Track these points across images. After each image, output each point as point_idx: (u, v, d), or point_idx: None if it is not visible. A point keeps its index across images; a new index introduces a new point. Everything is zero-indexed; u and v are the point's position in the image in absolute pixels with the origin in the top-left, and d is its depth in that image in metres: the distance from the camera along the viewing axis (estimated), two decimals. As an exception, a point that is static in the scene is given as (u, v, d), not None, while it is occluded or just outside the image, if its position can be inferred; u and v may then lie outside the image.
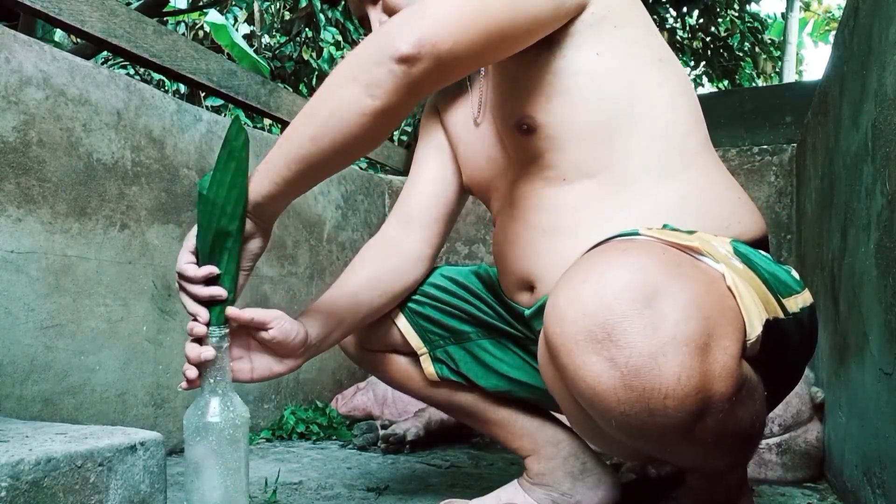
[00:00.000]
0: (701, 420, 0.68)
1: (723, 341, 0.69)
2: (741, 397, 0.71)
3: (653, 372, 0.65)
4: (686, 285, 0.69)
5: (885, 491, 0.97)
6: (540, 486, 1.14)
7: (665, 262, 0.71)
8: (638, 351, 0.66)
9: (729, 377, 0.69)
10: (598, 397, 0.69)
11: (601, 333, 0.67)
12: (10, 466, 0.75)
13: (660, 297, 0.67)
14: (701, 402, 0.67)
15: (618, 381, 0.66)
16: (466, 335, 1.17)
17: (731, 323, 0.72)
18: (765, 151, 2.29)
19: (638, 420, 0.68)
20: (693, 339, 0.66)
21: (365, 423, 1.87)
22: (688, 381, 0.66)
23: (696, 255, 0.78)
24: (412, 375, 1.20)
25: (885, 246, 0.96)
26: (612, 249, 0.75)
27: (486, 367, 1.15)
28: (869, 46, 1.08)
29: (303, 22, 5.42)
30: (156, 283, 1.69)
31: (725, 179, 0.99)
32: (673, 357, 0.65)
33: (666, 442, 0.72)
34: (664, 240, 0.78)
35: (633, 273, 0.69)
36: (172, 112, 1.76)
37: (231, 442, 0.87)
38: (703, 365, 0.67)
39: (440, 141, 1.19)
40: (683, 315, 0.67)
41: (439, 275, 1.19)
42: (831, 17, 11.05)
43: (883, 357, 0.97)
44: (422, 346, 1.17)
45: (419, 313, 1.17)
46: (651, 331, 0.66)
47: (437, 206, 1.18)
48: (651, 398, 0.66)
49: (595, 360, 0.67)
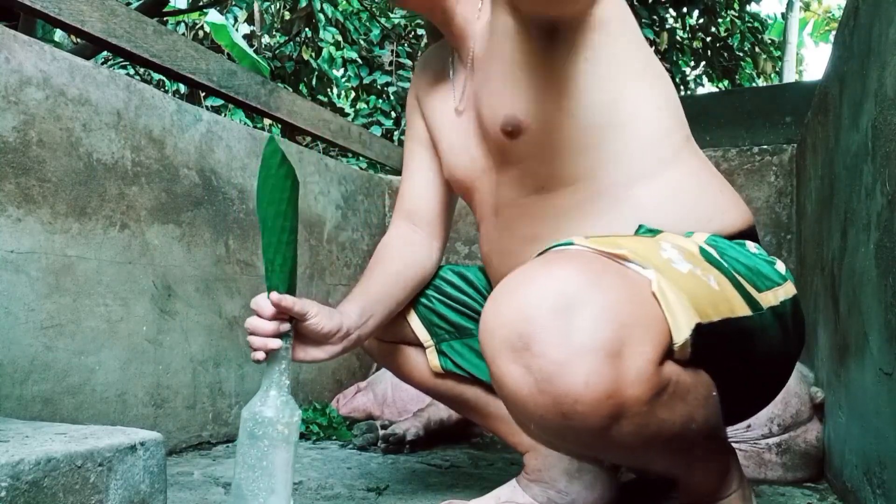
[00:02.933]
0: (616, 423, 0.71)
1: (639, 347, 0.71)
2: (663, 401, 0.73)
3: (563, 378, 0.69)
4: (604, 294, 0.72)
5: (885, 491, 0.97)
6: (537, 482, 1.14)
7: (586, 271, 0.74)
8: (550, 359, 0.69)
9: (644, 382, 0.71)
10: (518, 403, 0.73)
11: (519, 343, 0.71)
12: (10, 466, 0.75)
13: (575, 306, 0.70)
14: (613, 406, 0.70)
15: (533, 387, 0.70)
16: (469, 331, 1.19)
17: (652, 328, 0.74)
18: (765, 151, 2.30)
19: (555, 424, 0.72)
20: (604, 346, 0.69)
21: (365, 423, 1.87)
22: (596, 387, 0.69)
23: (623, 262, 0.79)
24: (419, 367, 1.23)
25: (885, 246, 0.96)
26: (540, 261, 0.78)
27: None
28: (869, 46, 1.08)
29: (303, 22, 5.42)
30: (156, 283, 1.69)
31: (706, 175, 1.00)
32: (582, 364, 0.69)
33: (586, 444, 0.76)
34: (595, 248, 0.80)
35: (551, 284, 0.72)
36: (172, 112, 1.76)
37: (281, 437, 0.92)
38: (615, 371, 0.69)
39: (422, 133, 1.22)
40: (596, 323, 0.70)
41: (449, 270, 1.24)
42: (831, 17, 11.06)
43: (883, 357, 0.98)
44: (428, 339, 1.21)
45: (428, 307, 1.21)
46: (563, 339, 0.69)
47: (436, 200, 1.23)
48: (563, 403, 0.69)
49: (514, 367, 0.72)
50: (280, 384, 0.95)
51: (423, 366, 1.22)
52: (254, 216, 2.01)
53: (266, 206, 0.95)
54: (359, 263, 2.52)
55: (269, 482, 0.90)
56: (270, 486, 0.90)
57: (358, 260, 2.53)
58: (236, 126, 2.00)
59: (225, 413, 1.89)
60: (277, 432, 0.91)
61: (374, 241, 2.63)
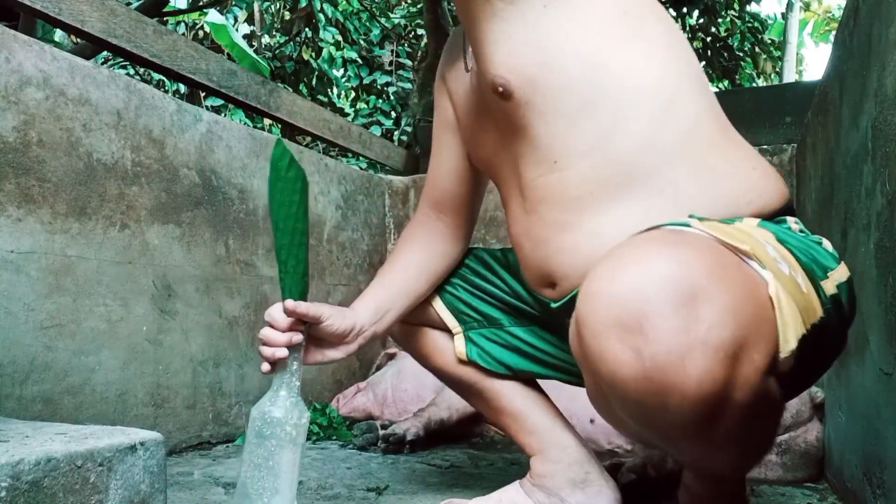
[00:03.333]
0: (711, 424, 0.68)
1: (752, 353, 0.68)
2: (757, 411, 0.71)
3: (677, 371, 0.65)
4: (727, 291, 0.68)
5: (885, 491, 0.97)
6: (540, 488, 1.14)
7: (711, 262, 0.70)
8: (666, 348, 0.65)
9: (749, 389, 0.68)
10: (616, 383, 0.69)
11: (633, 323, 0.66)
12: (10, 466, 0.75)
13: (699, 298, 0.66)
14: (716, 408, 0.67)
15: (639, 372, 0.66)
16: (498, 322, 1.18)
17: (765, 336, 0.71)
18: (765, 151, 2.29)
19: (651, 411, 0.68)
20: (723, 347, 0.65)
21: (365, 423, 1.87)
22: (709, 387, 0.65)
23: (744, 257, 0.75)
24: (443, 351, 1.21)
25: (885, 246, 0.96)
26: (661, 240, 0.73)
27: (518, 350, 1.16)
28: (869, 46, 1.08)
29: (303, 22, 5.42)
30: (156, 283, 1.69)
31: (739, 150, 0.95)
32: (699, 361, 0.65)
33: (672, 435, 0.72)
34: (715, 237, 0.76)
35: (677, 269, 0.67)
36: (172, 112, 1.76)
37: (289, 438, 0.92)
38: (727, 374, 0.66)
39: (450, 115, 1.18)
40: (719, 321, 0.66)
41: (473, 256, 1.22)
42: (831, 17, 11.05)
43: (883, 357, 0.97)
44: (457, 325, 1.19)
45: (454, 295, 1.20)
46: (683, 331, 0.65)
47: (463, 188, 1.19)
48: (669, 395, 0.66)
49: (620, 347, 0.67)
50: (291, 385, 0.95)
51: (448, 351, 1.19)
52: (253, 216, 2.01)
53: (277, 209, 0.95)
54: (359, 263, 2.52)
55: (274, 482, 0.90)
56: (275, 486, 0.90)
57: (358, 260, 2.53)
58: (236, 126, 2.00)
59: (225, 413, 1.89)
60: (286, 433, 0.92)
61: (374, 241, 2.63)
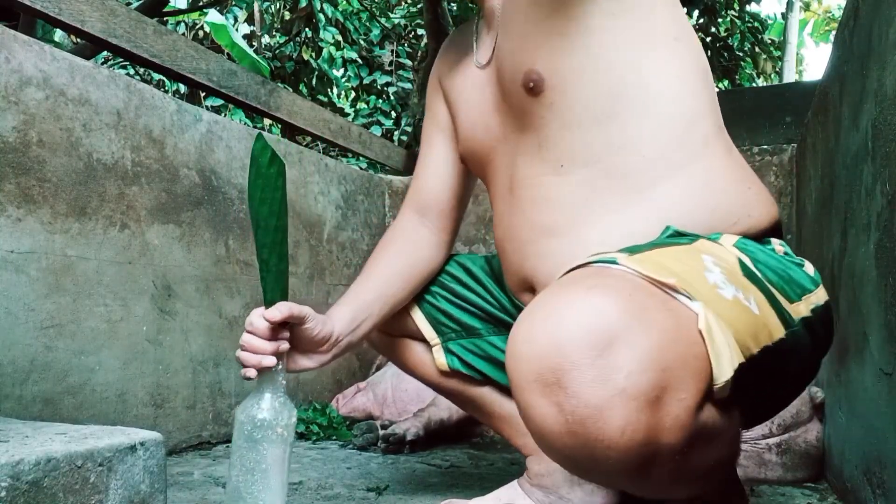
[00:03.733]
0: (647, 468, 0.68)
1: (678, 393, 0.67)
2: (696, 445, 0.70)
3: (597, 424, 0.64)
4: (647, 334, 0.66)
5: (885, 491, 0.97)
6: (539, 487, 1.14)
7: (631, 304, 0.68)
8: (584, 401, 0.64)
9: (679, 430, 0.67)
10: (543, 436, 0.69)
11: (551, 378, 0.66)
12: (10, 466, 0.75)
13: (616, 345, 0.65)
14: (646, 453, 0.66)
15: (563, 426, 0.66)
16: (476, 331, 1.17)
17: (693, 373, 0.69)
18: (765, 151, 2.29)
19: (583, 463, 0.69)
20: (644, 392, 0.64)
21: (365, 423, 1.87)
22: (632, 435, 0.64)
23: (671, 292, 0.73)
24: (425, 363, 1.20)
25: (885, 246, 0.96)
26: (578, 284, 0.72)
27: (496, 362, 1.15)
28: (869, 46, 1.08)
29: (303, 22, 5.42)
30: (156, 283, 1.69)
31: (735, 169, 0.94)
32: (619, 410, 0.64)
33: (612, 482, 0.74)
34: (640, 273, 0.74)
35: (593, 317, 0.66)
36: (172, 112, 1.76)
37: (279, 439, 0.92)
38: (652, 419, 0.65)
39: (443, 117, 1.18)
40: (638, 367, 0.64)
41: (455, 263, 1.21)
42: (831, 17, 11.04)
43: (883, 357, 0.97)
44: (435, 337, 1.18)
45: (433, 305, 1.18)
46: (601, 382, 0.64)
47: (449, 192, 1.18)
48: (594, 447, 0.65)
49: (543, 402, 0.67)
50: (276, 385, 0.94)
51: (429, 363, 1.19)
52: (254, 216, 2.01)
53: (259, 206, 0.93)
54: (359, 263, 2.52)
55: (267, 484, 0.90)
56: (269, 487, 0.90)
57: (358, 260, 2.53)
58: (236, 126, 2.00)
59: (225, 413, 1.89)
60: (277, 435, 0.91)
61: (374, 241, 2.63)
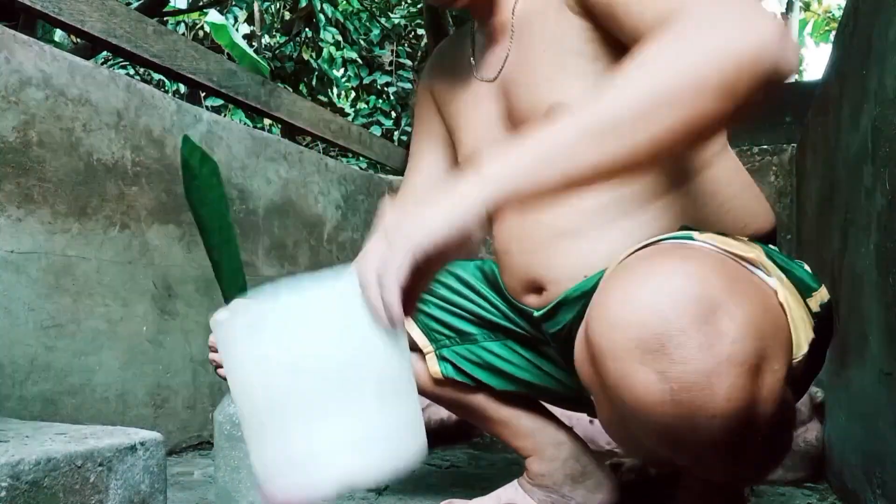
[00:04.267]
0: (741, 440, 0.67)
1: (773, 363, 0.67)
2: (780, 421, 0.70)
3: (704, 391, 0.63)
4: (744, 302, 0.67)
5: (885, 491, 0.97)
6: (540, 487, 1.14)
7: (725, 275, 0.69)
8: (692, 367, 0.63)
9: (774, 401, 0.67)
10: (641, 408, 0.67)
11: (655, 344, 0.64)
12: (10, 466, 0.75)
13: (719, 313, 0.64)
14: (745, 423, 0.66)
15: (666, 394, 0.64)
16: (471, 336, 1.16)
17: (782, 344, 0.70)
18: (765, 151, 2.29)
19: (680, 433, 0.66)
20: (748, 360, 0.64)
21: (365, 423, 1.87)
22: (738, 403, 0.64)
23: (750, 266, 0.75)
24: (418, 372, 1.18)
25: (885, 246, 0.96)
26: (671, 254, 0.71)
27: (491, 368, 1.14)
28: (869, 46, 1.08)
29: (303, 22, 5.42)
30: (156, 283, 1.69)
31: (741, 178, 0.96)
32: (727, 377, 0.63)
33: (701, 456, 0.71)
34: (721, 248, 0.75)
35: (694, 284, 0.65)
36: (172, 112, 1.76)
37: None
38: (753, 387, 0.65)
39: (437, 128, 1.16)
40: (741, 334, 0.64)
41: (445, 270, 1.17)
42: (831, 17, 11.02)
43: (883, 357, 0.97)
44: (428, 344, 1.16)
45: (424, 312, 1.16)
46: (707, 348, 0.63)
47: None
48: (698, 416, 0.64)
49: (644, 370, 0.65)
50: None
51: (422, 371, 1.17)
52: (254, 216, 2.01)
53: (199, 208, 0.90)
54: (359, 263, 2.52)
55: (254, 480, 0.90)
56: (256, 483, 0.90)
57: (358, 260, 2.53)
58: (236, 126, 2.00)
59: (225, 413, 1.89)
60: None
61: (374, 241, 2.63)
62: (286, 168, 2.17)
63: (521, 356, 1.14)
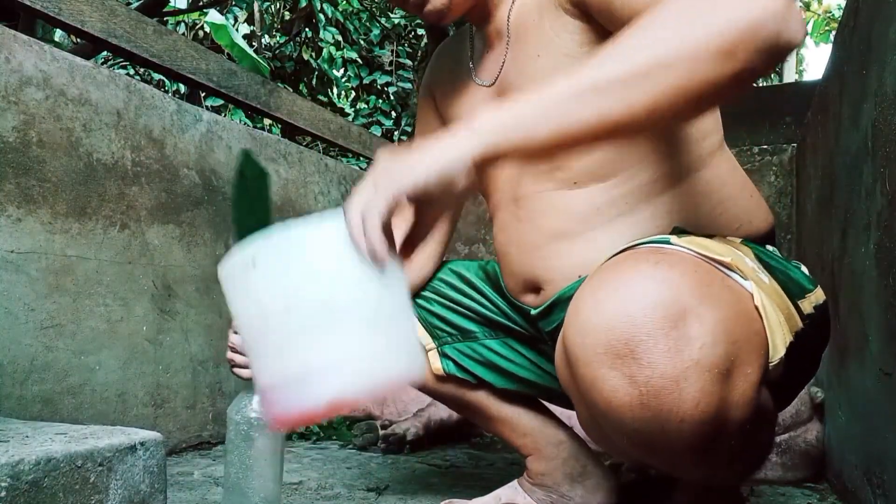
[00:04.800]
0: (712, 444, 0.67)
1: (745, 368, 0.67)
2: (754, 424, 0.70)
3: (672, 395, 0.64)
4: (716, 307, 0.67)
5: (885, 491, 0.97)
6: (540, 486, 1.14)
7: (696, 279, 0.69)
8: (660, 372, 0.64)
9: (746, 405, 0.67)
10: (612, 411, 0.67)
11: (623, 349, 0.65)
12: (10, 466, 0.75)
13: (688, 317, 0.65)
14: (716, 428, 0.66)
15: (635, 399, 0.65)
16: (473, 334, 1.17)
17: (756, 348, 0.70)
18: (765, 151, 2.29)
19: (650, 438, 0.67)
20: (717, 364, 0.64)
21: (365, 423, 1.87)
22: (706, 408, 0.64)
23: (726, 270, 0.75)
24: None
25: (885, 246, 0.96)
26: (643, 259, 0.71)
27: (492, 365, 1.15)
28: (869, 46, 1.08)
29: (303, 22, 5.42)
30: (156, 283, 1.69)
31: (738, 178, 0.96)
32: (695, 382, 0.64)
33: (674, 459, 0.71)
34: (696, 252, 0.75)
35: (664, 290, 0.66)
36: (172, 112, 1.76)
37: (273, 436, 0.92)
38: (724, 392, 0.65)
39: (435, 129, 1.16)
40: (711, 339, 0.65)
41: (448, 270, 1.20)
42: (831, 17, 11.02)
43: (883, 357, 0.98)
44: (430, 341, 1.17)
45: (427, 309, 1.18)
46: (675, 353, 0.64)
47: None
48: (667, 420, 0.65)
49: (613, 374, 0.66)
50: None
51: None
52: (254, 216, 2.01)
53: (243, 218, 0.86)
54: (359, 263, 2.52)
55: (265, 478, 0.91)
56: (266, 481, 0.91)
57: (358, 260, 2.53)
58: (236, 126, 2.00)
59: (225, 413, 1.88)
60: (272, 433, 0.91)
61: (374, 241, 2.63)
62: (286, 168, 2.17)
63: (521, 354, 1.15)
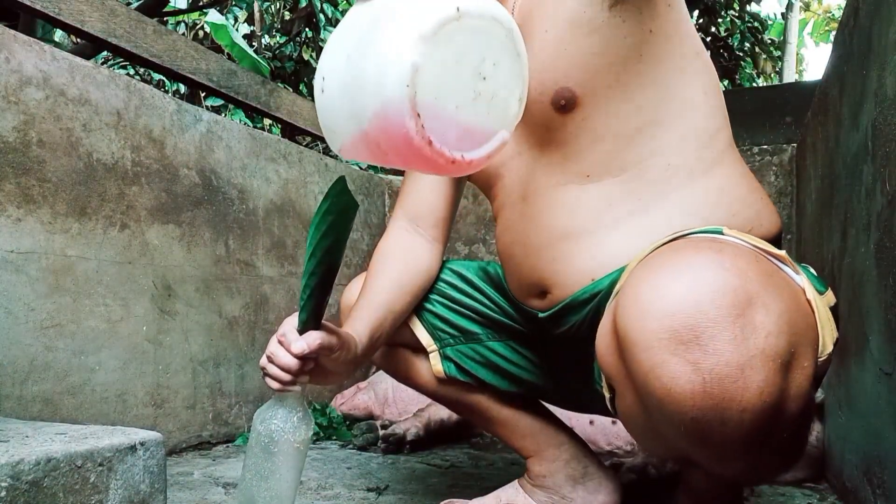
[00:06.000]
0: (768, 436, 0.67)
1: (803, 360, 0.67)
2: (803, 418, 0.70)
3: (737, 383, 0.63)
4: (779, 297, 0.67)
5: (885, 491, 0.97)
6: (540, 488, 1.14)
7: (759, 269, 0.68)
8: (725, 360, 0.63)
9: (801, 398, 0.67)
10: (671, 399, 0.66)
11: (688, 335, 0.64)
12: (10, 466, 0.75)
13: (755, 306, 0.64)
14: (774, 418, 0.65)
15: (697, 386, 0.64)
16: (476, 336, 1.16)
17: (811, 342, 0.70)
18: (765, 151, 2.29)
19: (708, 427, 0.66)
20: (781, 355, 0.64)
21: (365, 423, 1.87)
22: (769, 398, 0.64)
23: (779, 263, 0.74)
24: (420, 371, 1.18)
25: (885, 246, 0.96)
26: (706, 247, 0.70)
27: (494, 367, 1.14)
28: (869, 46, 1.08)
29: (303, 22, 5.42)
30: (156, 283, 1.69)
31: (749, 179, 0.95)
32: (760, 371, 0.63)
33: (725, 451, 0.69)
34: (752, 244, 0.75)
35: (730, 277, 0.65)
36: (172, 112, 1.76)
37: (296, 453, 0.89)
38: (784, 383, 0.65)
39: None
40: (776, 329, 0.64)
41: (449, 270, 1.18)
42: (831, 17, 11.02)
43: (883, 357, 0.98)
44: (432, 343, 1.16)
45: (431, 311, 1.16)
46: (742, 341, 0.63)
47: (443, 201, 1.15)
48: (728, 409, 0.64)
49: (675, 361, 0.64)
50: (297, 397, 0.92)
51: (426, 370, 1.17)
52: (253, 216, 2.01)
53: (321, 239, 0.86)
54: (359, 263, 2.52)
55: (280, 492, 0.89)
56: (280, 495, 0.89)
57: (358, 260, 2.53)
58: (236, 126, 2.00)
59: (225, 413, 1.89)
60: (293, 448, 0.89)
61: (373, 241, 2.63)
62: (286, 168, 2.17)
63: (524, 357, 1.14)
